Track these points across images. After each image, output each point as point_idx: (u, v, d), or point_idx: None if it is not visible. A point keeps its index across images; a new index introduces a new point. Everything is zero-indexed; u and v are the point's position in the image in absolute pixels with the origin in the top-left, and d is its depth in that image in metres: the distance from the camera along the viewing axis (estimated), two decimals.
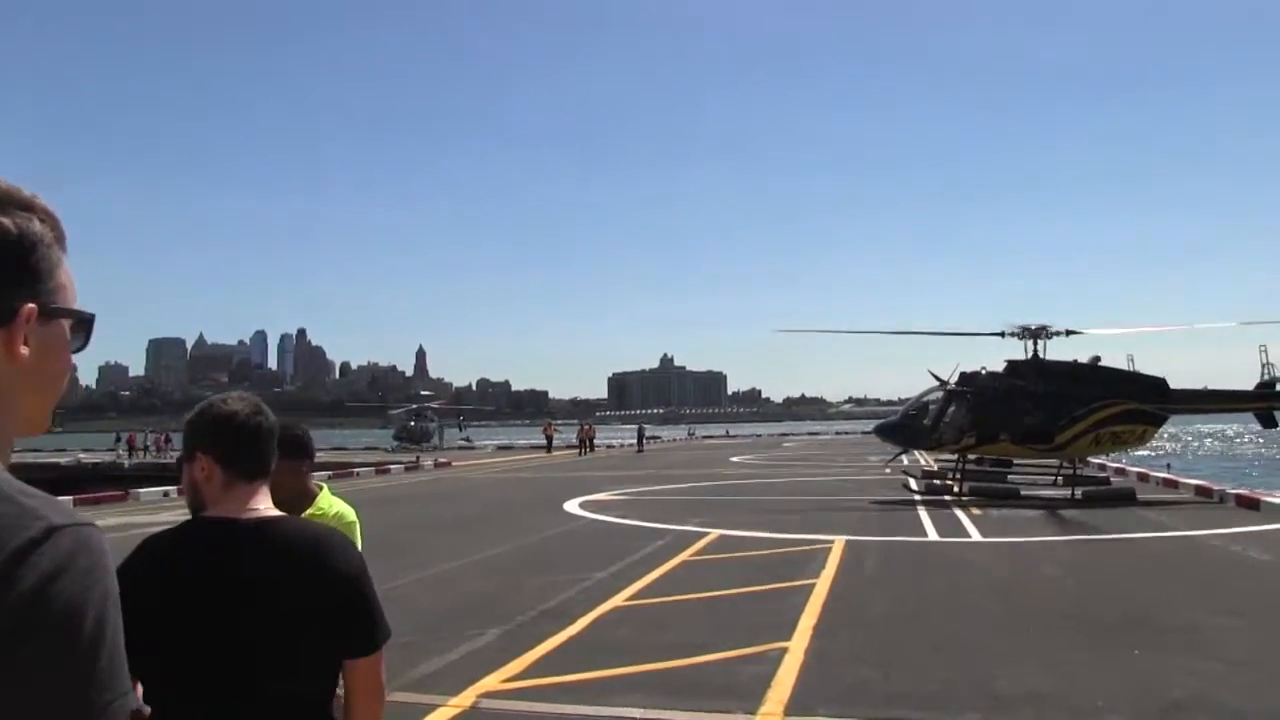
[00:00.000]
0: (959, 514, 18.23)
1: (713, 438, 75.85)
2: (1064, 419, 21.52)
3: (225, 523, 2.19)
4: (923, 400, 23.49)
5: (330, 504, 3.85)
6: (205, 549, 2.16)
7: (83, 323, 1.18)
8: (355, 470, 34.90)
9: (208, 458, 2.24)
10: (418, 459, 42.42)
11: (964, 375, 22.81)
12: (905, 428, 23.57)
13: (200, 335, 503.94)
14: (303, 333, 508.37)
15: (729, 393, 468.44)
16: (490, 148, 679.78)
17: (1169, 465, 34.80)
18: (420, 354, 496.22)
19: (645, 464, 38.62)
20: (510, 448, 59.58)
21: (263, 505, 2.25)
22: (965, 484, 22.04)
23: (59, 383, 1.17)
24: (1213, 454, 58.94)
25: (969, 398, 22.13)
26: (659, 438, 73.96)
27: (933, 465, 30.58)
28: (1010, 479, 23.53)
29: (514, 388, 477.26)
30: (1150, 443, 27.43)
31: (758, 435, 79.33)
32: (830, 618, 9.11)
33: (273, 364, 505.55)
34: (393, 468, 37.16)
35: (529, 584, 11.23)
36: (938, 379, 23.48)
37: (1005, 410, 21.84)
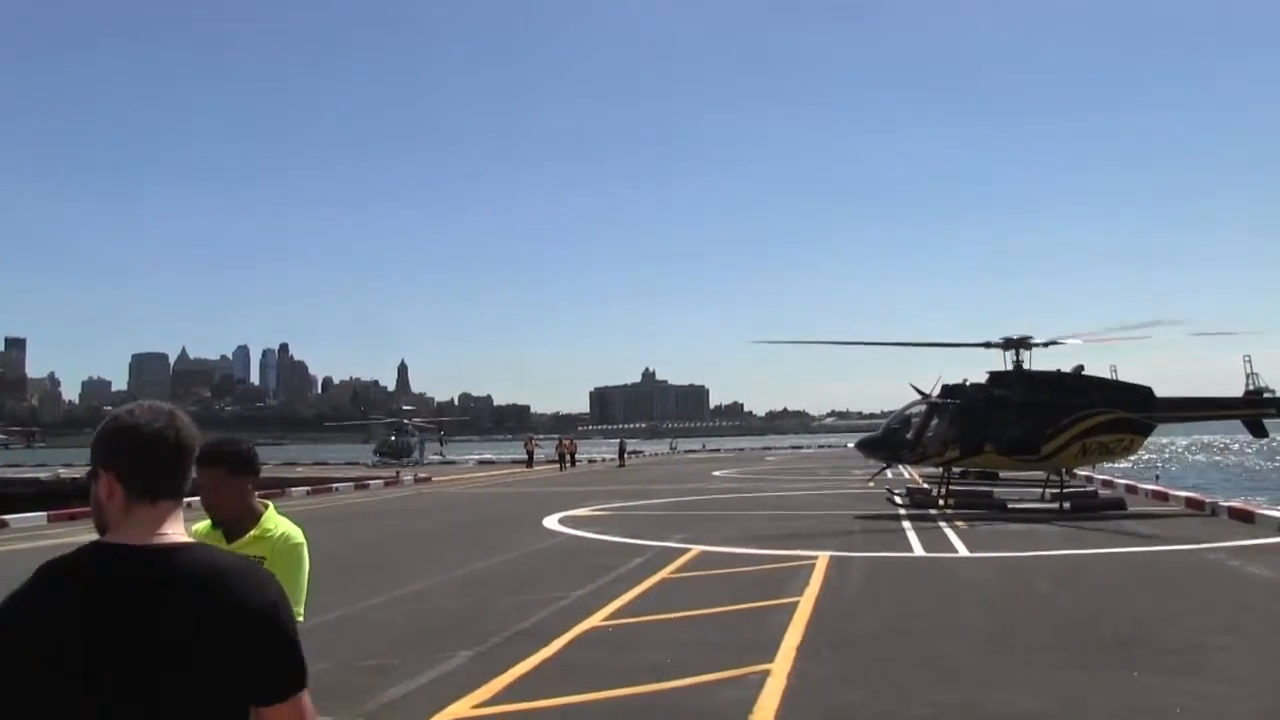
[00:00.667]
0: (945, 528, 17.95)
1: (694, 451, 75.58)
2: (1049, 429, 21.32)
3: (122, 550, 1.84)
4: (905, 413, 23.29)
5: (276, 524, 3.63)
6: (94, 583, 1.79)
7: None
8: (334, 486, 34.52)
9: (110, 474, 1.90)
10: (398, 474, 42.16)
11: (946, 387, 22.62)
12: (888, 442, 23.36)
13: (183, 350, 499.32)
14: (285, 348, 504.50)
15: (711, 406, 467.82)
16: (473, 163, 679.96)
17: (1157, 476, 34.71)
18: (402, 369, 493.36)
19: (626, 479, 38.28)
20: (491, 462, 59.10)
21: (171, 530, 1.90)
22: (951, 498, 21.81)
23: None
24: (1190, 465, 58.71)
25: (952, 410, 21.94)
26: (641, 452, 73.73)
27: (918, 479, 30.38)
28: (997, 492, 23.31)
29: (496, 402, 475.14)
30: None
31: (740, 449, 79.04)
32: (814, 637, 8.82)
33: (255, 379, 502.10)
34: (372, 483, 36.74)
35: (504, 603, 10.91)
36: (920, 392, 23.30)
37: (989, 421, 21.65)
